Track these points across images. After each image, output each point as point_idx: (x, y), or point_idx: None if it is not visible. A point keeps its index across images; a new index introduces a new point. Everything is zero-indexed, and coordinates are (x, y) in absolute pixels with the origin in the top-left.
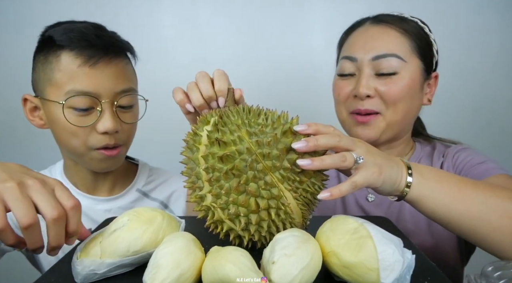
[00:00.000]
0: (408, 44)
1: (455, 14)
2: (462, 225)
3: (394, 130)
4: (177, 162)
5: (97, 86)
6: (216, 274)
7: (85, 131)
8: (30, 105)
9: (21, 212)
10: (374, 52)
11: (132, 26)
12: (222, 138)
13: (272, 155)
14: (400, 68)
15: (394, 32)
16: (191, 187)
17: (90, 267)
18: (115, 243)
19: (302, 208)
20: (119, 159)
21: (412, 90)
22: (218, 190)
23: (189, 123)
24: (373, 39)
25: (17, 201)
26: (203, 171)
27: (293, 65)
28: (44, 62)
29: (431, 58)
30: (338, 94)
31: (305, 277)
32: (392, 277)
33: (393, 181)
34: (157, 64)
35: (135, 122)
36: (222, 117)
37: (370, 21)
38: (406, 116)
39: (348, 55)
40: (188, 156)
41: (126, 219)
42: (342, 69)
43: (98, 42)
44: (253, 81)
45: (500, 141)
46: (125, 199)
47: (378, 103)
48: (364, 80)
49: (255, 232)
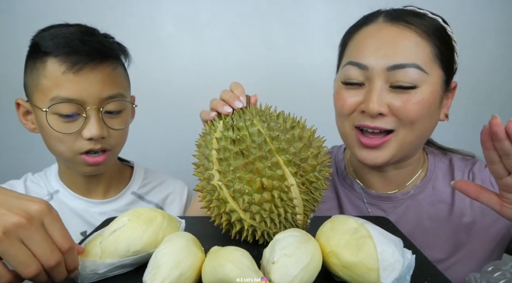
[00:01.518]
0: (430, 51)
1: (455, 14)
2: None
3: (406, 151)
4: (177, 162)
5: (81, 92)
6: (216, 274)
7: (70, 137)
8: (23, 109)
9: (21, 267)
10: (390, 60)
11: (132, 26)
12: (237, 124)
13: (280, 139)
14: (421, 81)
15: (414, 35)
16: (201, 171)
17: (90, 267)
18: (115, 243)
19: (304, 198)
20: (105, 164)
21: (432, 107)
22: (226, 168)
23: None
24: (389, 43)
25: (11, 256)
26: (215, 151)
27: (293, 65)
28: (33, 68)
29: (453, 65)
30: (341, 105)
31: (305, 277)
32: (392, 277)
33: None
34: (157, 64)
35: (123, 128)
36: (238, 112)
37: (384, 18)
38: (422, 136)
39: (356, 60)
40: (202, 141)
41: (126, 219)
42: (348, 77)
43: (83, 48)
44: (252, 81)
45: None
46: (120, 202)
47: (391, 121)
48: (376, 95)
49: (256, 213)
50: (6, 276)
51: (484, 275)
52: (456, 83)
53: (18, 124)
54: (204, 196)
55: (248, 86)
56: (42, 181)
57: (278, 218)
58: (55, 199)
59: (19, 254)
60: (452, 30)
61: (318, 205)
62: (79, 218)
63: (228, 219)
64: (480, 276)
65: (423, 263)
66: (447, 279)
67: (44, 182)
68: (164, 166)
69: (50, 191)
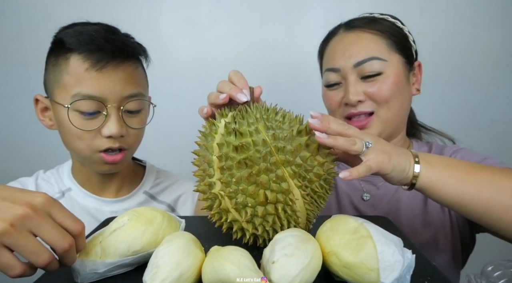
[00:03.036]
0: (385, 43)
1: (455, 14)
2: (474, 208)
3: (391, 126)
4: (176, 162)
5: (103, 90)
6: (216, 274)
7: (90, 134)
8: (41, 105)
9: (33, 257)
10: (354, 59)
11: (132, 26)
12: (239, 128)
13: (286, 150)
14: (383, 68)
15: (368, 35)
16: (201, 175)
17: (90, 267)
18: (115, 243)
19: (307, 208)
20: (122, 163)
21: (400, 85)
22: (229, 178)
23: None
24: (351, 46)
25: (23, 247)
26: (216, 158)
27: (292, 65)
28: (55, 64)
29: (410, 49)
30: (329, 104)
31: (305, 277)
32: (392, 277)
33: (402, 168)
34: (157, 64)
35: (142, 128)
36: (241, 111)
37: (343, 29)
38: (400, 111)
39: (330, 67)
40: (203, 143)
41: (126, 219)
42: (328, 81)
43: (106, 46)
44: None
45: (501, 141)
46: (132, 201)
47: (370, 105)
48: (352, 88)
49: (259, 225)
50: (19, 267)
51: (484, 275)
52: (419, 62)
53: (30, 122)
54: (205, 199)
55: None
56: (53, 179)
57: (281, 228)
58: (67, 197)
59: (30, 244)
60: (403, 22)
61: (321, 210)
62: (90, 217)
63: (230, 226)
64: (480, 275)
65: (423, 263)
66: (447, 279)
67: (56, 179)
68: (163, 166)
69: (62, 188)
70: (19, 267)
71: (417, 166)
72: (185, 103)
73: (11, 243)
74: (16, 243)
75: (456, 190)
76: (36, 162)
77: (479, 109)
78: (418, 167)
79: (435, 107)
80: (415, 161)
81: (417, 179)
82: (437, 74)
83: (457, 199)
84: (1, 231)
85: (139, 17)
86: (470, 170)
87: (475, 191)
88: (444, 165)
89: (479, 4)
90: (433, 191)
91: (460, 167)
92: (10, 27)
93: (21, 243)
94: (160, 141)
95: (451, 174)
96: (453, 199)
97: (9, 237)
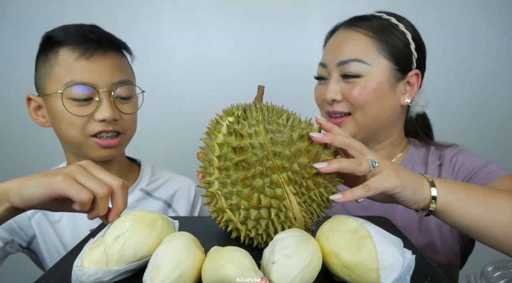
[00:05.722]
0: (375, 46)
1: (455, 14)
2: (494, 232)
3: (367, 131)
4: (176, 162)
5: (94, 76)
6: (216, 274)
7: (83, 120)
8: (34, 104)
9: (95, 187)
10: (338, 58)
11: (132, 26)
12: (240, 130)
13: (283, 155)
14: (364, 72)
15: (359, 35)
16: (203, 172)
17: (96, 276)
18: (122, 249)
19: (304, 216)
20: (118, 148)
21: (379, 92)
22: (225, 179)
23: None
24: (341, 45)
25: (87, 179)
26: (216, 158)
27: (292, 65)
28: (45, 60)
29: (407, 56)
30: (316, 97)
31: (305, 277)
32: (392, 277)
33: (415, 187)
34: (157, 64)
35: (134, 113)
36: (246, 111)
37: (343, 26)
38: (377, 117)
39: (321, 60)
40: (206, 141)
41: (129, 224)
42: (318, 74)
43: (93, 36)
44: (252, 80)
45: (500, 142)
46: (129, 199)
47: (346, 105)
48: (331, 86)
49: (252, 228)
50: (86, 193)
51: (484, 275)
52: (417, 71)
53: (23, 123)
54: (206, 195)
55: (248, 86)
56: None
57: (275, 232)
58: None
59: (91, 179)
60: (401, 23)
61: (322, 217)
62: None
63: (227, 225)
64: (480, 276)
65: (423, 263)
66: (447, 279)
67: None
68: (163, 165)
69: None
70: (86, 192)
71: (433, 190)
72: (184, 103)
73: (65, 188)
74: (83, 177)
75: (475, 213)
76: (30, 164)
77: (479, 109)
78: (435, 191)
79: (435, 107)
80: (430, 182)
81: (435, 201)
82: (437, 74)
83: (476, 222)
84: (72, 170)
85: (139, 17)
86: (487, 193)
87: (495, 215)
88: (460, 185)
89: (479, 4)
90: (451, 213)
91: (477, 188)
92: (9, 27)
93: (84, 178)
94: (159, 140)
95: (469, 196)
96: (471, 222)
97: (76, 173)
